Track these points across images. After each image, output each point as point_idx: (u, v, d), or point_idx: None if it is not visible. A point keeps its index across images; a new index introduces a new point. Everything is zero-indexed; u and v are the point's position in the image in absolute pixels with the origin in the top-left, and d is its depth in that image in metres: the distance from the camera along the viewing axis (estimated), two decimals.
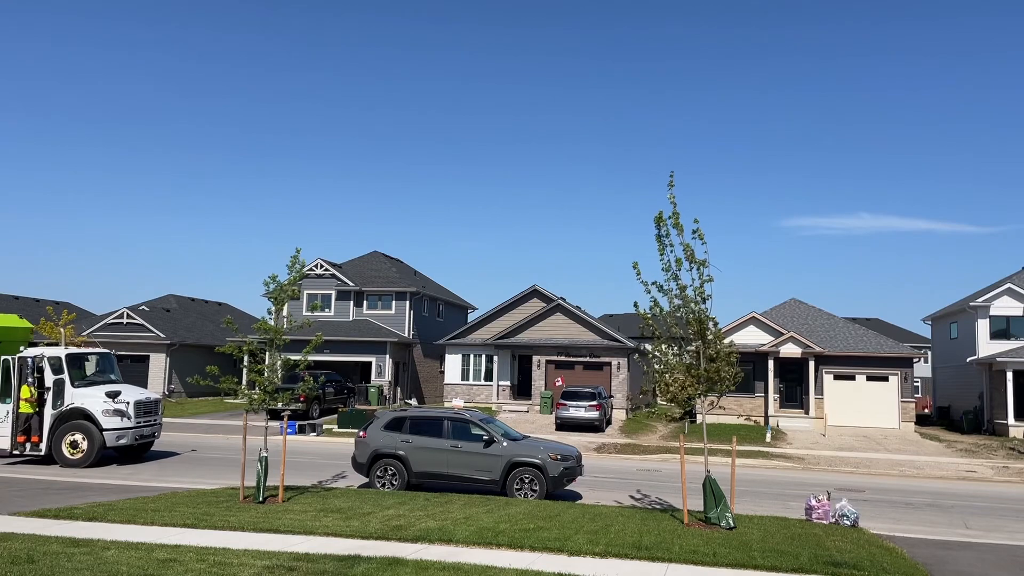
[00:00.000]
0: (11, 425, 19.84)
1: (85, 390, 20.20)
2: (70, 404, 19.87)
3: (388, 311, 45.32)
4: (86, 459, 19.52)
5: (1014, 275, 39.85)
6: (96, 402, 19.95)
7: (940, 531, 14.35)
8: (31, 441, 19.73)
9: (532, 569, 9.25)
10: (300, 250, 15.41)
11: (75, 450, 19.63)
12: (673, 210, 13.23)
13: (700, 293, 12.98)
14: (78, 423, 19.76)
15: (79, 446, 19.64)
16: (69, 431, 19.73)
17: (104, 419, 19.77)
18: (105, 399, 20.00)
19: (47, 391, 19.96)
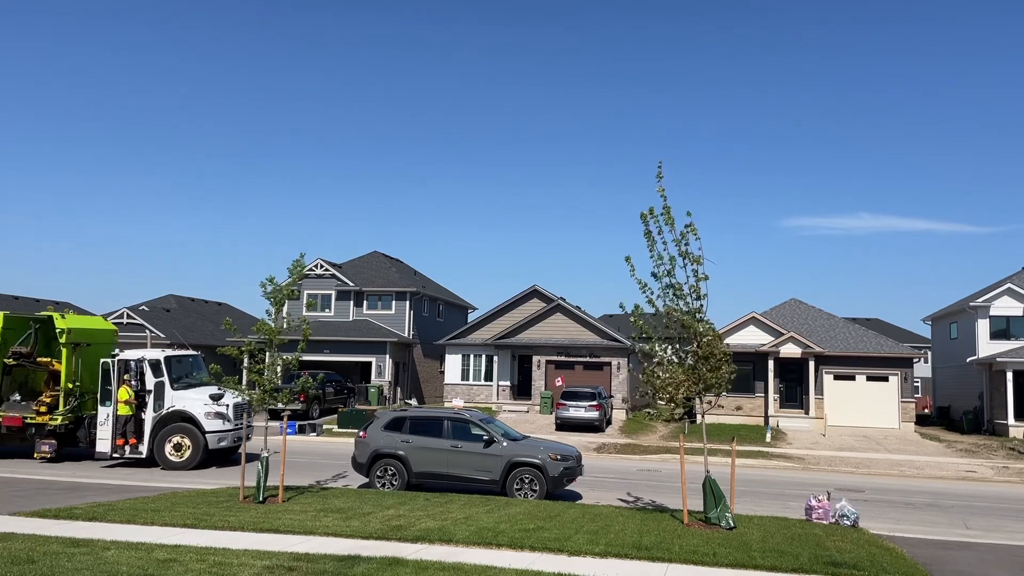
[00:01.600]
0: (111, 428, 19.79)
1: (184, 392, 20.19)
2: (171, 406, 19.83)
3: (388, 311, 45.33)
4: (190, 461, 19.48)
5: (1014, 275, 39.86)
6: (197, 404, 19.91)
7: (940, 531, 14.35)
8: (129, 443, 19.67)
9: (532, 569, 9.26)
10: (304, 255, 15.45)
11: (178, 452, 19.61)
12: (664, 204, 12.81)
13: (695, 292, 12.82)
14: (180, 425, 19.72)
15: (182, 448, 19.62)
16: (171, 433, 19.68)
17: (206, 421, 19.70)
18: (208, 401, 19.91)
19: (148, 393, 19.92)
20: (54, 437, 20.26)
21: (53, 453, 20.01)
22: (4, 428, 20.37)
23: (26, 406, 20.65)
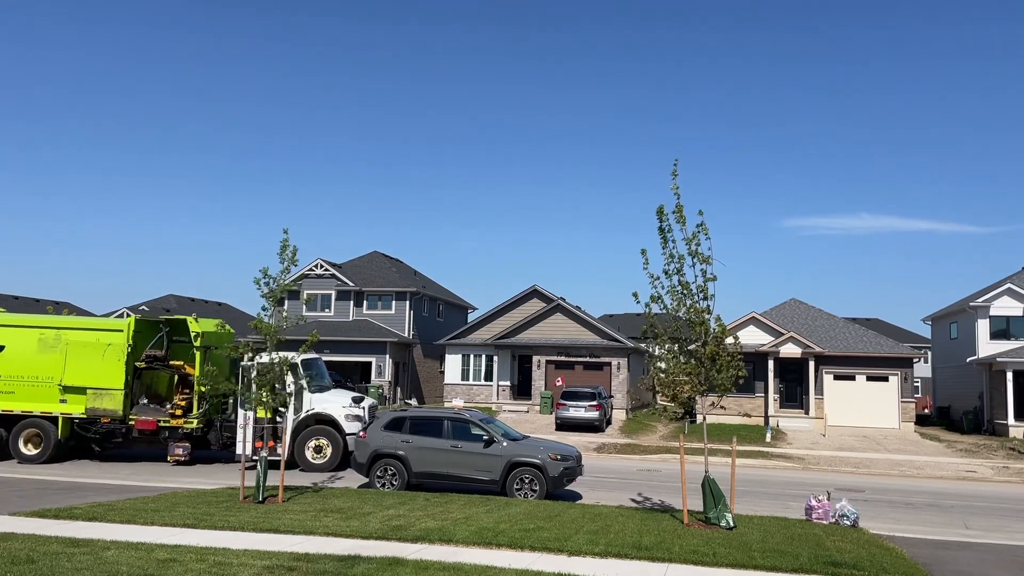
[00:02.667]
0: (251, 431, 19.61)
1: (320, 395, 20.16)
2: (310, 409, 19.78)
3: (388, 311, 45.34)
4: (330, 464, 19.43)
5: (1014, 275, 39.86)
6: (337, 407, 19.91)
7: (940, 531, 14.34)
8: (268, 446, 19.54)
9: (532, 569, 9.25)
10: (287, 231, 14.90)
11: (319, 455, 19.56)
12: (677, 202, 12.78)
13: (703, 291, 12.82)
14: (320, 428, 19.69)
15: (323, 451, 19.58)
16: (311, 436, 19.64)
17: (347, 424, 19.62)
18: (348, 404, 19.91)
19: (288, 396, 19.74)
20: (188, 440, 20.21)
21: (187, 456, 19.95)
22: (137, 431, 20.37)
23: (156, 409, 20.55)
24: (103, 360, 20.10)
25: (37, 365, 20.28)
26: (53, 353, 20.30)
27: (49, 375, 20.20)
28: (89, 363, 20.11)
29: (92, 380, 20.02)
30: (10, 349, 20.38)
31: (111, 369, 20.05)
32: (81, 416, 20.08)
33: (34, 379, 20.24)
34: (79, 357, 20.16)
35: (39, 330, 20.74)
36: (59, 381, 20.12)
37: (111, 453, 21.42)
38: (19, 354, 20.30)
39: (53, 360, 20.26)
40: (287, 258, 14.80)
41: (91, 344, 20.32)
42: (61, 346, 20.33)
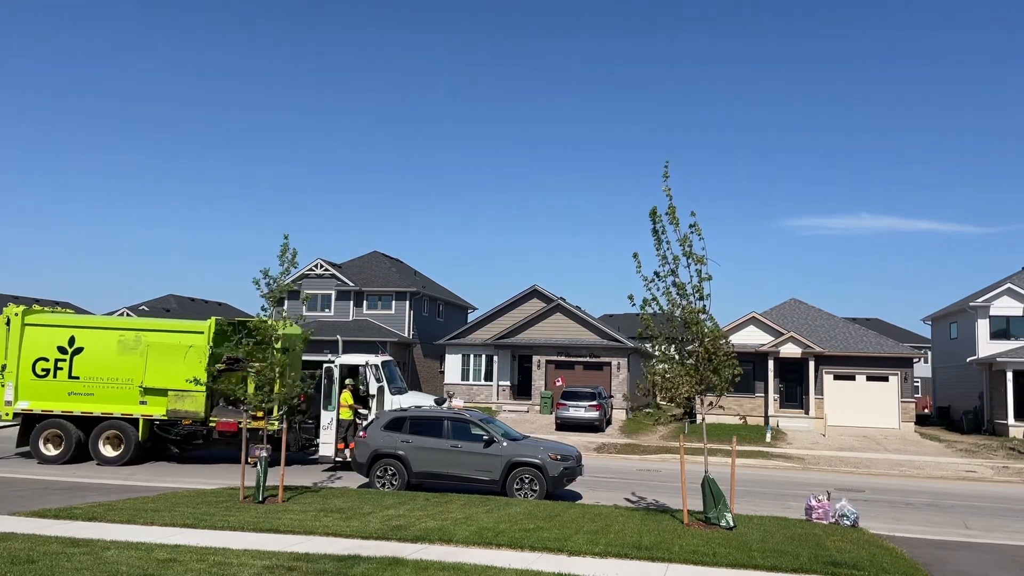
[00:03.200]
0: (334, 432, 19.80)
1: (400, 397, 20.13)
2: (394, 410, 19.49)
3: (388, 311, 45.34)
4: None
5: (1014, 275, 39.85)
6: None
7: (940, 531, 14.34)
8: (349, 447, 19.04)
9: (532, 569, 9.25)
10: (288, 236, 14.98)
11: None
12: (669, 203, 12.79)
13: (698, 291, 12.82)
14: None
15: None
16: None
17: None
18: (432, 406, 19.64)
19: (371, 398, 19.94)
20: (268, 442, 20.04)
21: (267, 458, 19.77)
22: (217, 433, 20.33)
23: (236, 411, 20.16)
24: (184, 362, 19.92)
25: (117, 367, 20.11)
26: (133, 355, 20.15)
27: (129, 377, 20.04)
28: (170, 365, 19.95)
29: (173, 382, 19.84)
30: (89, 351, 20.17)
31: (193, 371, 19.80)
32: (162, 418, 19.99)
33: (114, 381, 20.08)
34: (160, 359, 20.03)
35: (119, 332, 20.60)
36: (140, 383, 19.93)
37: (189, 455, 21.30)
38: (98, 356, 20.12)
39: (133, 362, 20.10)
40: (287, 260, 14.90)
41: (172, 346, 20.19)
42: (141, 348, 20.18)
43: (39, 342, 20.26)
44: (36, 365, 20.17)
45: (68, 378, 20.12)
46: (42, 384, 20.09)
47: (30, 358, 20.18)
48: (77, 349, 20.23)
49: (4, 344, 20.29)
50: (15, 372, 20.17)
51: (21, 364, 20.19)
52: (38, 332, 20.38)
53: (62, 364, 20.22)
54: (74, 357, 20.14)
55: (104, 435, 20.09)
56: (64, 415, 19.98)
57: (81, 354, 20.21)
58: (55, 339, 20.35)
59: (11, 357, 20.20)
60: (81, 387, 20.07)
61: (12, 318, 20.41)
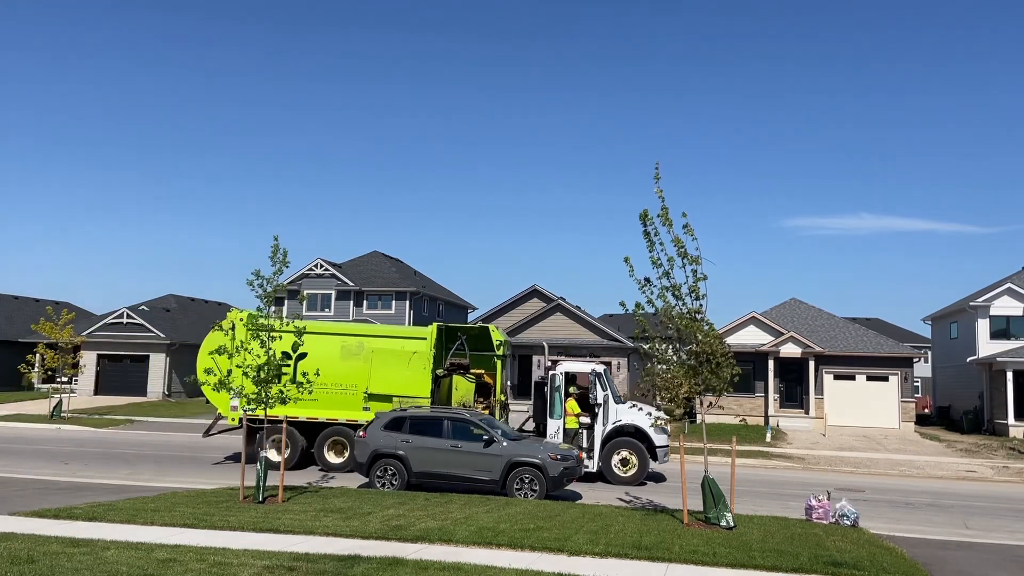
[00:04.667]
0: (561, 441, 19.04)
1: (623, 406, 19.62)
2: (618, 420, 19.21)
3: (388, 311, 45.35)
4: (637, 476, 18.82)
5: (1014, 275, 39.85)
6: (643, 417, 19.33)
7: (940, 531, 14.34)
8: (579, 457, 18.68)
9: (532, 569, 9.25)
10: (278, 237, 14.90)
11: (626, 467, 18.96)
12: (662, 204, 12.74)
13: (694, 291, 12.80)
14: (627, 440, 19.08)
15: (629, 463, 18.96)
16: (618, 448, 19.04)
17: (655, 435, 19.07)
18: (656, 414, 19.31)
19: (597, 406, 19.36)
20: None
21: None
22: None
23: None
24: (408, 368, 19.75)
25: (340, 373, 19.93)
26: (356, 361, 20.04)
27: (353, 383, 19.90)
28: (394, 371, 19.78)
29: (397, 388, 19.70)
30: (313, 356, 19.71)
31: (416, 377, 19.66)
32: None
33: (337, 387, 19.90)
34: (384, 365, 19.85)
35: (342, 337, 20.46)
36: (364, 389, 19.76)
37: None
38: (322, 361, 19.56)
39: (357, 368, 19.98)
40: (278, 261, 14.85)
41: (396, 352, 20.02)
42: (365, 354, 20.05)
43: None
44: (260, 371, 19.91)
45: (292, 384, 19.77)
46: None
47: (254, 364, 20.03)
48: (301, 355, 19.54)
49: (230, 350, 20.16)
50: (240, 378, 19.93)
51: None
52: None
53: (286, 370, 19.54)
54: (298, 363, 19.65)
55: (329, 441, 19.96)
56: (289, 421, 19.25)
57: (305, 360, 19.65)
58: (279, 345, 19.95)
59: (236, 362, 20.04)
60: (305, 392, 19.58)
61: (236, 323, 19.89)
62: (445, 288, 54.36)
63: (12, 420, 32.33)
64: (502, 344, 20.16)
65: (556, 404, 19.39)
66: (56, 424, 31.06)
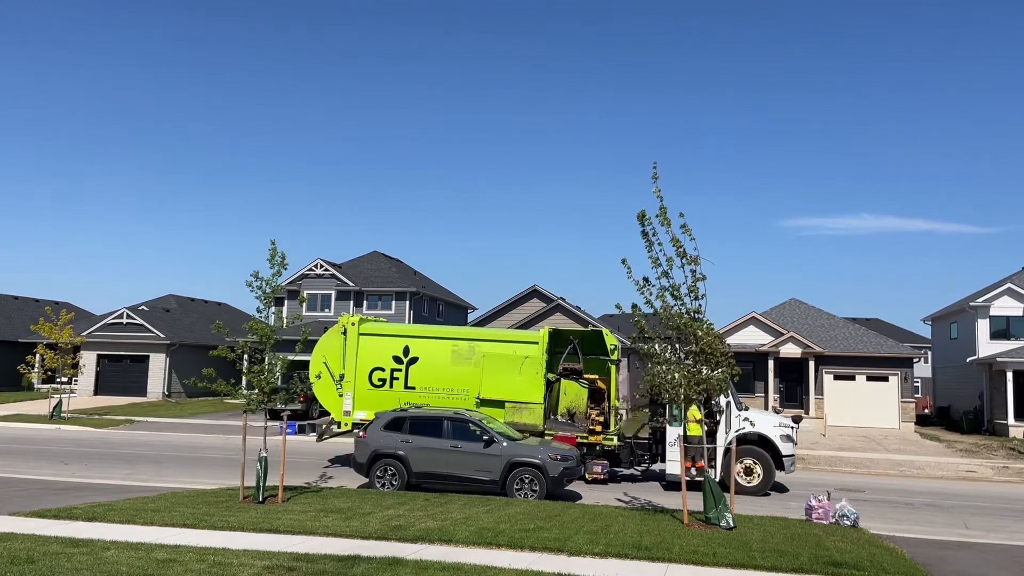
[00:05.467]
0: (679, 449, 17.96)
1: (747, 413, 18.59)
2: (741, 427, 18.07)
3: (388, 311, 45.31)
4: (762, 487, 18.01)
5: (1014, 275, 39.86)
6: (769, 425, 18.41)
7: (940, 531, 14.35)
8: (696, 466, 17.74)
9: (532, 569, 9.25)
10: (275, 241, 14.98)
11: (749, 477, 18.15)
12: (660, 205, 12.71)
13: (693, 292, 12.79)
14: (750, 448, 18.23)
15: (753, 472, 18.16)
16: (741, 456, 18.16)
17: (782, 444, 18.21)
18: (780, 422, 18.60)
19: (719, 413, 18.38)
20: (606, 457, 18.99)
21: (605, 474, 18.49)
22: None
23: (572, 425, 19.56)
24: (520, 373, 19.31)
25: (450, 377, 19.68)
26: (467, 365, 19.71)
27: (463, 387, 19.57)
28: (506, 376, 19.38)
29: (509, 393, 19.23)
30: (423, 361, 19.80)
31: (529, 382, 19.20)
32: None
33: (448, 391, 19.63)
34: (495, 370, 19.47)
35: (452, 341, 20.20)
36: (476, 394, 19.40)
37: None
38: (432, 366, 19.71)
39: (467, 372, 19.65)
40: (277, 263, 14.91)
41: (507, 356, 19.65)
42: (475, 358, 19.71)
43: (374, 352, 19.96)
44: (372, 375, 19.86)
45: (404, 388, 19.71)
46: (378, 394, 19.70)
47: (366, 368, 19.86)
48: (412, 359, 19.80)
49: (341, 354, 20.02)
50: (352, 382, 19.86)
51: (358, 374, 19.83)
52: (373, 342, 20.08)
53: (398, 374, 19.78)
54: (409, 367, 19.76)
55: None
56: None
57: (416, 364, 19.80)
58: (390, 349, 19.96)
59: (348, 367, 19.91)
60: (417, 397, 19.51)
61: (348, 328, 20.04)
62: (445, 288, 54.34)
63: (12, 420, 32.33)
64: (616, 349, 19.58)
65: (675, 410, 18.25)
66: (56, 424, 31.06)
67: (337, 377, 20.04)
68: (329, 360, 20.11)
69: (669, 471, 18.18)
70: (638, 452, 19.42)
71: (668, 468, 18.23)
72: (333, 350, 20.21)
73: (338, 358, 20.07)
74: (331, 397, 20.06)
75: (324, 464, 21.08)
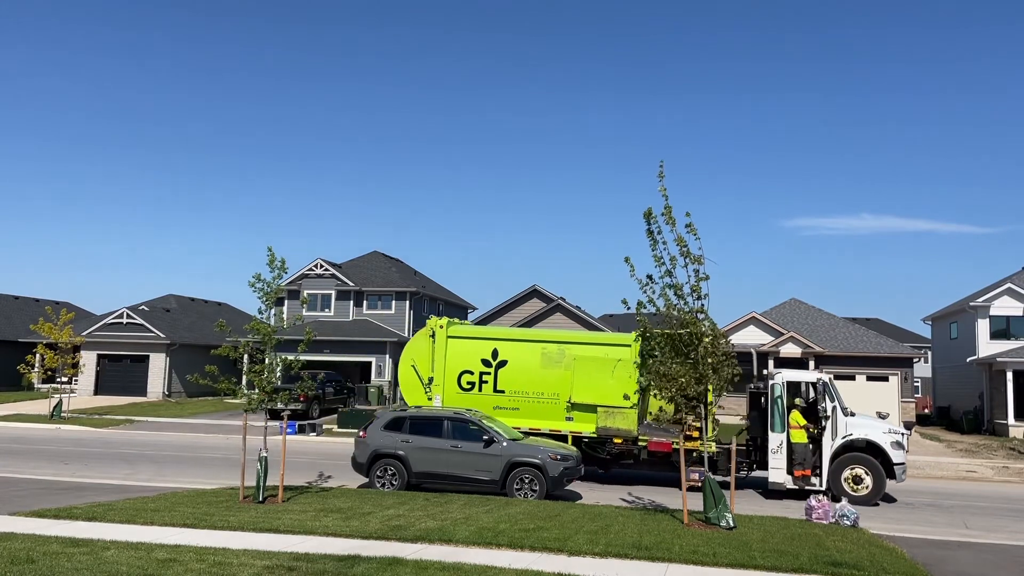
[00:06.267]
0: (784, 457, 17.64)
1: (853, 419, 18.18)
2: (848, 434, 17.66)
3: (388, 311, 45.32)
4: (871, 497, 17.22)
5: (1014, 275, 39.88)
6: (878, 432, 17.77)
7: (940, 531, 14.35)
8: (804, 474, 17.48)
9: (532, 569, 9.26)
10: (272, 248, 15.12)
11: (858, 485, 17.38)
12: (665, 203, 12.74)
13: (696, 291, 12.81)
14: (858, 455, 17.50)
15: (862, 481, 17.37)
16: (849, 464, 17.47)
17: (892, 451, 17.44)
18: (889, 429, 17.98)
19: (825, 419, 17.82)
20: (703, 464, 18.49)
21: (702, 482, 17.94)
22: (647, 453, 18.63)
23: (667, 430, 18.68)
24: (613, 377, 18.62)
25: (541, 381, 19.18)
26: (557, 368, 19.22)
27: (554, 391, 19.03)
28: (598, 380, 18.73)
29: (602, 397, 18.58)
30: (512, 364, 19.40)
31: (622, 386, 18.49)
32: (591, 436, 18.55)
33: (539, 395, 19.15)
34: (587, 373, 18.86)
35: (541, 344, 19.78)
36: (567, 398, 18.86)
37: (612, 473, 19.79)
38: (522, 369, 19.25)
39: (558, 376, 19.12)
40: (276, 268, 14.98)
41: (599, 360, 19.03)
42: (566, 361, 19.18)
43: (463, 355, 19.72)
44: (461, 378, 19.65)
45: (493, 392, 19.40)
46: (468, 397, 19.44)
47: (455, 371, 19.65)
48: (501, 362, 19.47)
49: (430, 357, 19.81)
50: (441, 385, 19.65)
51: (447, 377, 19.64)
52: (461, 345, 19.86)
53: (487, 377, 19.49)
54: (498, 370, 19.45)
55: None
56: None
57: (505, 367, 19.47)
58: (479, 352, 19.69)
59: (437, 370, 19.70)
60: (507, 401, 19.23)
61: (437, 331, 19.82)
62: (445, 288, 54.35)
63: (12, 420, 32.35)
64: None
65: (777, 416, 17.75)
66: (56, 424, 31.08)
67: (426, 380, 19.87)
68: (417, 363, 19.95)
69: (772, 479, 17.64)
70: (737, 460, 18.33)
71: (771, 476, 17.69)
72: (421, 353, 20.00)
73: (426, 361, 19.86)
74: (420, 400, 19.82)
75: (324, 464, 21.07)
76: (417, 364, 19.99)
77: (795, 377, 18.67)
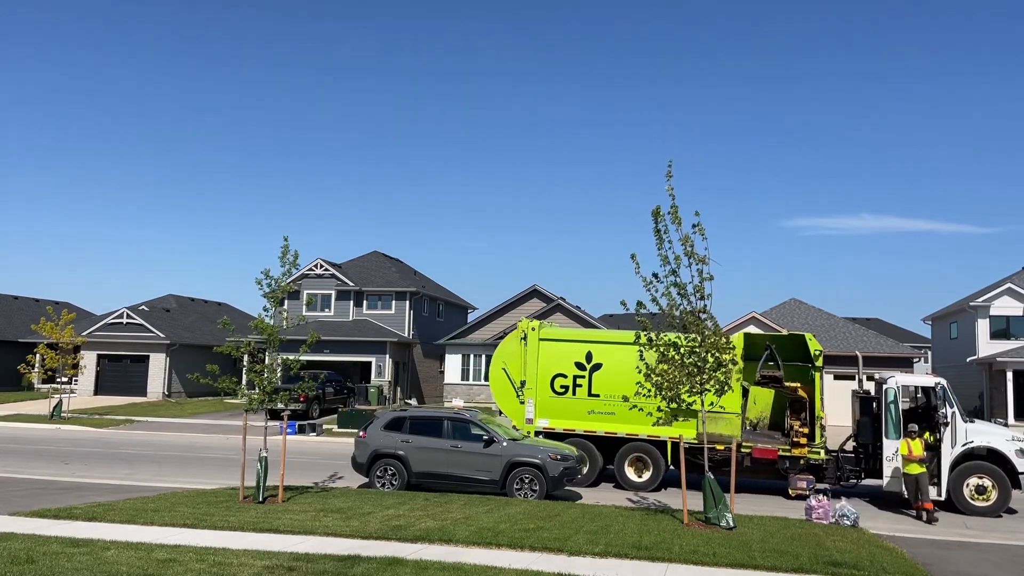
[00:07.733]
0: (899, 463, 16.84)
1: (974, 426, 17.27)
2: (968, 441, 16.77)
3: (388, 311, 45.33)
4: (996, 508, 16.34)
5: (1014, 275, 39.89)
6: (1001, 439, 16.89)
7: (940, 531, 14.35)
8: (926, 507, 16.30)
9: (532, 569, 9.26)
10: (288, 238, 15.01)
11: (982, 496, 16.58)
12: (672, 203, 12.75)
13: (699, 291, 12.82)
14: (980, 464, 16.67)
15: (986, 491, 16.56)
16: (970, 473, 16.64)
17: (1017, 460, 16.55)
18: (1014, 436, 17.08)
19: (943, 426, 16.93)
20: (811, 471, 17.79)
21: (811, 490, 17.16)
22: (750, 460, 17.94)
23: (772, 437, 18.32)
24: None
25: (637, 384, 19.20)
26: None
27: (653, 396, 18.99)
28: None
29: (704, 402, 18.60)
30: (607, 367, 18.75)
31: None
32: (691, 442, 17.30)
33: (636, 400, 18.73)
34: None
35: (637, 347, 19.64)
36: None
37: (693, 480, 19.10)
38: (618, 372, 18.31)
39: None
40: (288, 262, 14.92)
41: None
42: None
43: (556, 358, 19.20)
44: (554, 382, 19.12)
45: (588, 396, 18.86)
46: (561, 402, 18.97)
47: (547, 374, 19.14)
48: (596, 365, 18.92)
49: (523, 360, 19.31)
50: (534, 389, 19.15)
51: (539, 381, 19.14)
52: (554, 347, 19.33)
53: (581, 381, 18.95)
54: (593, 374, 18.92)
55: (630, 458, 18.48)
56: (586, 435, 18.62)
57: (600, 371, 18.89)
58: (572, 355, 19.19)
59: (529, 373, 19.21)
60: (601, 405, 18.64)
61: (528, 333, 19.38)
62: (445, 288, 54.35)
63: (12, 420, 32.37)
64: (820, 354, 18.37)
65: (891, 422, 17.02)
66: (56, 424, 31.09)
67: (518, 384, 19.43)
68: (508, 366, 19.54)
69: (887, 487, 17.02)
70: (845, 467, 18.08)
71: (885, 484, 17.04)
72: (513, 356, 19.60)
73: (518, 364, 19.39)
74: (511, 404, 19.40)
75: (324, 464, 21.08)
76: (508, 367, 19.51)
77: (910, 381, 18.08)
